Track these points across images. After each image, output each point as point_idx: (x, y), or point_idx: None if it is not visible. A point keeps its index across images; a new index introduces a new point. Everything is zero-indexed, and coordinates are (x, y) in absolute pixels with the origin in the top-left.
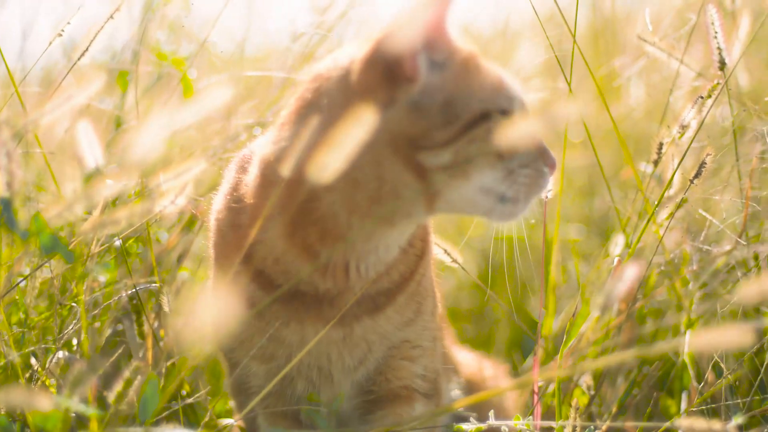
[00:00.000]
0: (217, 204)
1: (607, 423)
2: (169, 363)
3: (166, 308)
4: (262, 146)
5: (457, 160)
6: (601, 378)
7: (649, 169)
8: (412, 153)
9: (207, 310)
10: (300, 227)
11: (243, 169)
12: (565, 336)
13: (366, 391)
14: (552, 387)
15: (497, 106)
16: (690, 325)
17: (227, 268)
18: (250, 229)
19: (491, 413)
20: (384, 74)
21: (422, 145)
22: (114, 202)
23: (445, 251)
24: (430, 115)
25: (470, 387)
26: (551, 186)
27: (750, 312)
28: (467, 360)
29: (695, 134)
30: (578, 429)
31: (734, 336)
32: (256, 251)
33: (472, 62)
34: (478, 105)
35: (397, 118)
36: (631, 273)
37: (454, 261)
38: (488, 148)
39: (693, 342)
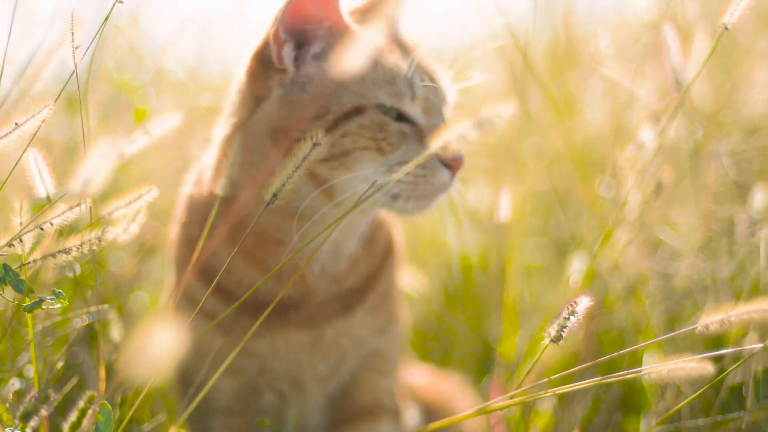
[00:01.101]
0: (176, 219)
1: None
2: (130, 393)
3: (116, 336)
4: (208, 159)
5: (334, 152)
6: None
7: (609, 187)
8: (291, 145)
9: (162, 334)
10: (240, 235)
11: (198, 182)
12: (521, 359)
13: (335, 406)
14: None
15: (375, 101)
16: (653, 344)
17: (184, 283)
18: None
19: None
20: (261, 64)
21: (297, 138)
22: (66, 231)
23: (410, 276)
24: (301, 108)
25: (430, 408)
26: (506, 208)
27: (709, 337)
28: (426, 380)
29: (654, 155)
30: None
31: (695, 366)
32: (210, 264)
33: None
34: (352, 99)
35: (272, 109)
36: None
37: (416, 286)
38: (365, 143)
39: (654, 371)
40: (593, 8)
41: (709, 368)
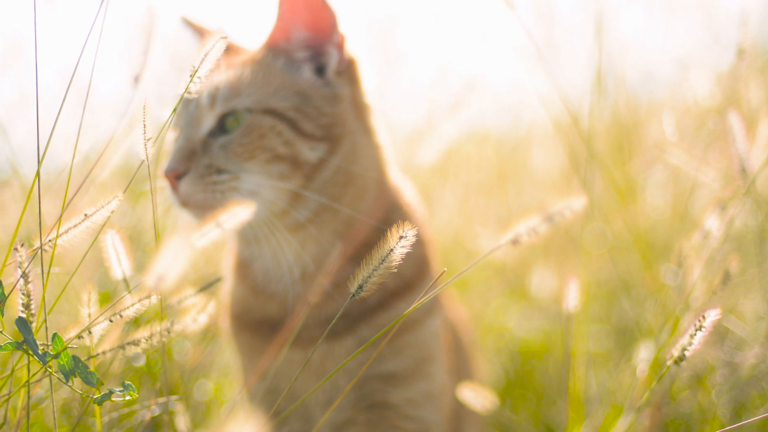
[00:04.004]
0: None
1: None
2: None
3: (182, 428)
4: None
5: None
6: None
7: (674, 275)
8: None
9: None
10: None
11: None
12: None
13: None
14: None
15: None
16: None
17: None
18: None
19: None
20: None
21: None
22: (134, 321)
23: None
24: None
25: None
26: (574, 297)
27: None
28: None
29: (720, 243)
30: None
31: None
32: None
33: None
34: None
35: None
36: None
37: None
38: None
39: None
40: (654, 92)
41: None
